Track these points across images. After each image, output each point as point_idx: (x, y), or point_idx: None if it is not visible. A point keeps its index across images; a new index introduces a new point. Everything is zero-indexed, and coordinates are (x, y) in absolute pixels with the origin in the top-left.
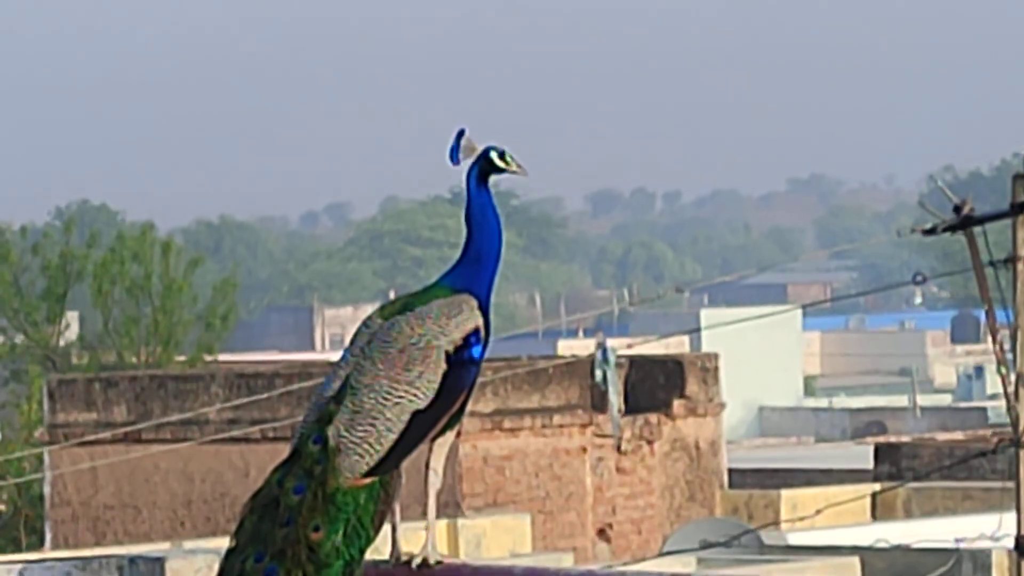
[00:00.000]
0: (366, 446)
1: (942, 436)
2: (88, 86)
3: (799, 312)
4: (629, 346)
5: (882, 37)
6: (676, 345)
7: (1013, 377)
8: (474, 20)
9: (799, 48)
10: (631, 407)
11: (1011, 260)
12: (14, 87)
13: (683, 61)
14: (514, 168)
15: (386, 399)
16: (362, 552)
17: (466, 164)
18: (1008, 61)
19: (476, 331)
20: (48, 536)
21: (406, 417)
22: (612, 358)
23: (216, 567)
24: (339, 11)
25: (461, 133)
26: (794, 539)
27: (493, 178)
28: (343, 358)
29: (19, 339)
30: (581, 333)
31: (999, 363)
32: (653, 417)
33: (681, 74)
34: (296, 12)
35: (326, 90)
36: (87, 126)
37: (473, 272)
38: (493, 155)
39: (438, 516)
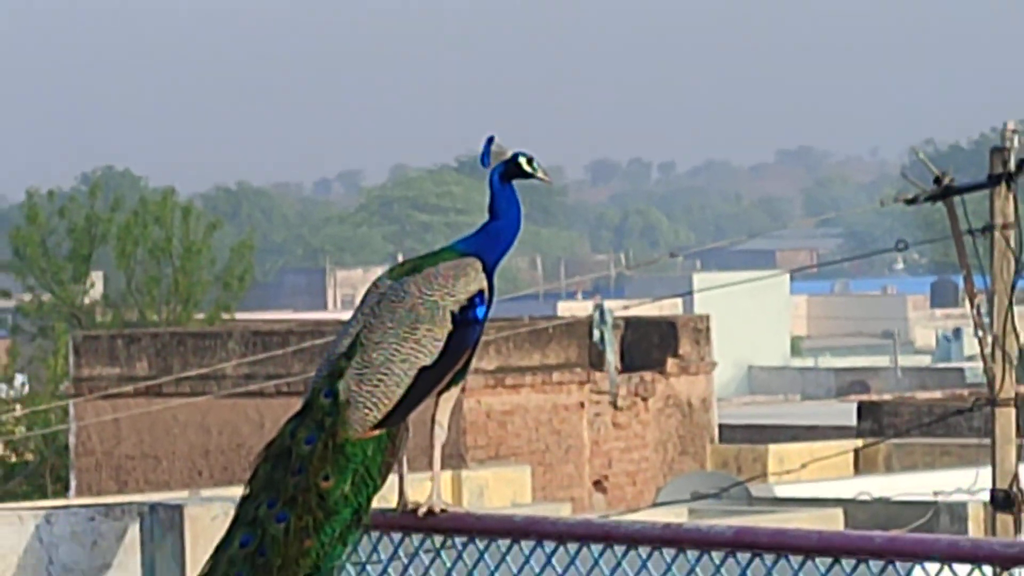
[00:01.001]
0: (375, 400)
1: (922, 395)
2: (114, 57)
3: (787, 277)
4: (625, 308)
5: (868, 17)
6: (670, 307)
7: (989, 339)
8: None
9: (790, 26)
10: (627, 365)
11: (988, 229)
12: (42, 58)
13: (679, 38)
14: (540, 175)
15: (394, 356)
16: (369, 500)
17: (492, 166)
18: (987, 39)
19: (480, 293)
20: (73, 484)
21: (413, 373)
22: (609, 319)
23: (232, 513)
24: None
25: (491, 140)
26: (781, 491)
27: (519, 181)
28: (354, 317)
29: (46, 297)
30: (580, 295)
31: (976, 326)
32: (648, 375)
33: (677, 51)
34: None
35: (340, 63)
36: (112, 96)
37: (486, 242)
38: (522, 160)
39: (443, 467)
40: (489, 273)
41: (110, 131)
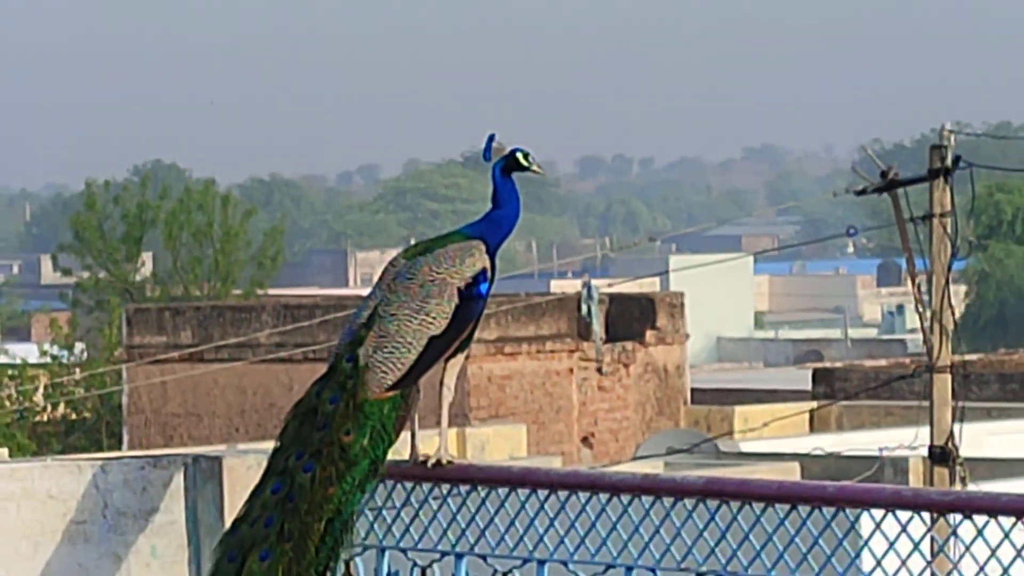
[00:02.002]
0: (390, 365)
1: (869, 363)
2: (162, 60)
3: (751, 259)
4: (609, 286)
5: (823, 28)
6: (648, 285)
7: (928, 314)
8: (485, 11)
9: (755, 36)
10: (611, 336)
11: (928, 217)
12: (97, 59)
13: (659, 47)
14: (535, 168)
15: (407, 326)
16: (385, 453)
17: (494, 161)
18: (928, 50)
19: (483, 271)
20: (125, 439)
21: (424, 341)
22: (595, 295)
23: (264, 464)
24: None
25: (491, 137)
26: (745, 447)
27: (517, 174)
28: (372, 292)
29: (102, 275)
30: (570, 274)
31: (917, 303)
32: (629, 345)
33: (656, 59)
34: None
35: (360, 69)
36: (161, 95)
37: (490, 228)
38: (519, 155)
39: (449, 425)
40: (491, 255)
41: (159, 127)
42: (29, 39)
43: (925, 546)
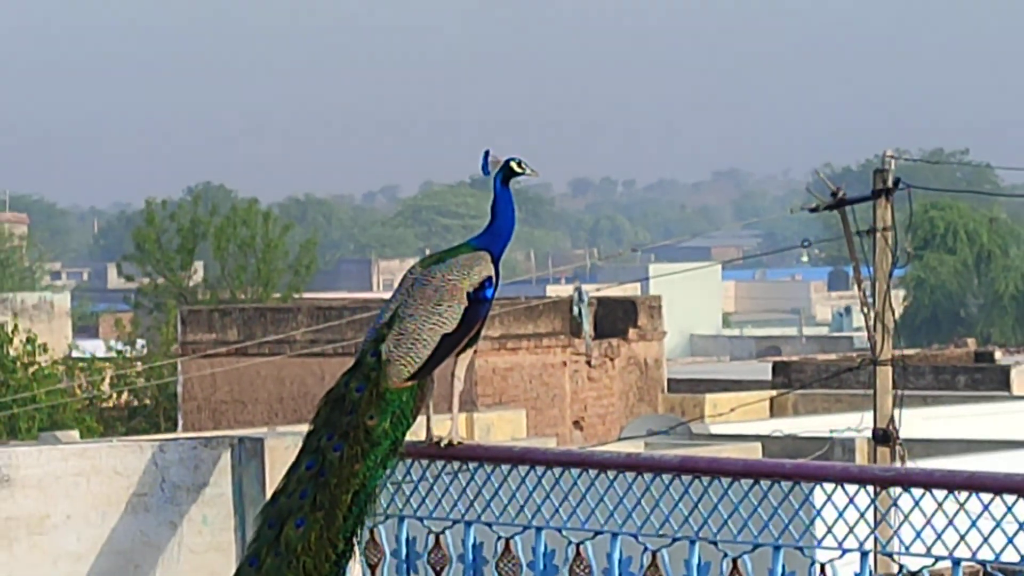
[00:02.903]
0: (408, 359)
1: (821, 357)
2: (212, 90)
3: (719, 267)
4: (597, 290)
5: (780, 63)
6: (631, 290)
7: (872, 315)
8: (490, 53)
9: (723, 72)
10: (599, 333)
11: (872, 231)
12: (154, 93)
13: (640, 83)
14: (528, 172)
15: (423, 325)
16: (404, 435)
17: (493, 173)
18: (872, 83)
19: (489, 278)
20: (180, 422)
21: (437, 338)
22: (585, 299)
23: (300, 444)
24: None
25: (487, 153)
26: (715, 430)
27: (514, 180)
28: (393, 296)
29: (160, 281)
30: (563, 281)
31: (862, 305)
32: (614, 341)
33: (638, 94)
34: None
35: (385, 103)
36: (211, 122)
37: (492, 239)
38: (513, 164)
39: (459, 410)
40: (495, 263)
41: (209, 152)
42: (94, 75)
43: (869, 515)
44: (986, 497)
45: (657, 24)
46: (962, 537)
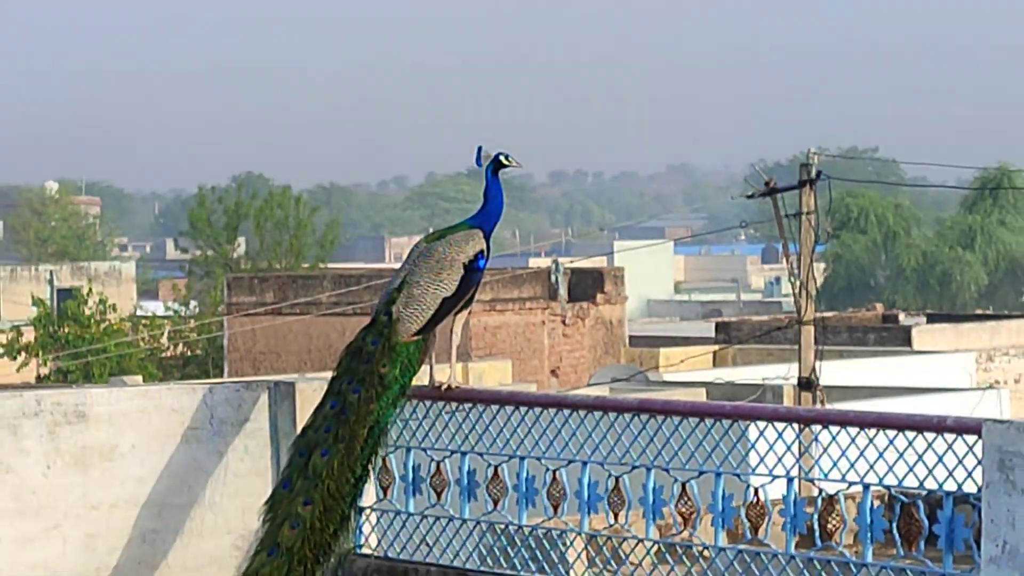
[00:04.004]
0: (414, 318)
1: (755, 318)
2: (250, 89)
3: (671, 244)
4: (571, 263)
5: (722, 73)
6: (599, 262)
7: (798, 283)
8: (481, 61)
9: (678, 80)
10: (572, 298)
11: (798, 215)
12: (206, 92)
13: (606, 90)
14: (514, 164)
15: (427, 290)
16: (411, 380)
17: (485, 165)
18: (799, 89)
19: (481, 252)
20: (226, 369)
21: (438, 301)
22: (561, 269)
23: (325, 388)
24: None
25: (480, 148)
26: (667, 377)
27: (503, 171)
28: (402, 267)
29: (210, 253)
30: (542, 254)
31: (790, 275)
32: (584, 304)
33: (605, 98)
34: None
35: (395, 105)
36: (252, 117)
37: (484, 219)
38: (501, 157)
39: (456, 360)
40: (487, 239)
41: (250, 145)
42: (157, 79)
43: (795, 448)
44: (891, 433)
45: (621, 36)
46: (871, 466)
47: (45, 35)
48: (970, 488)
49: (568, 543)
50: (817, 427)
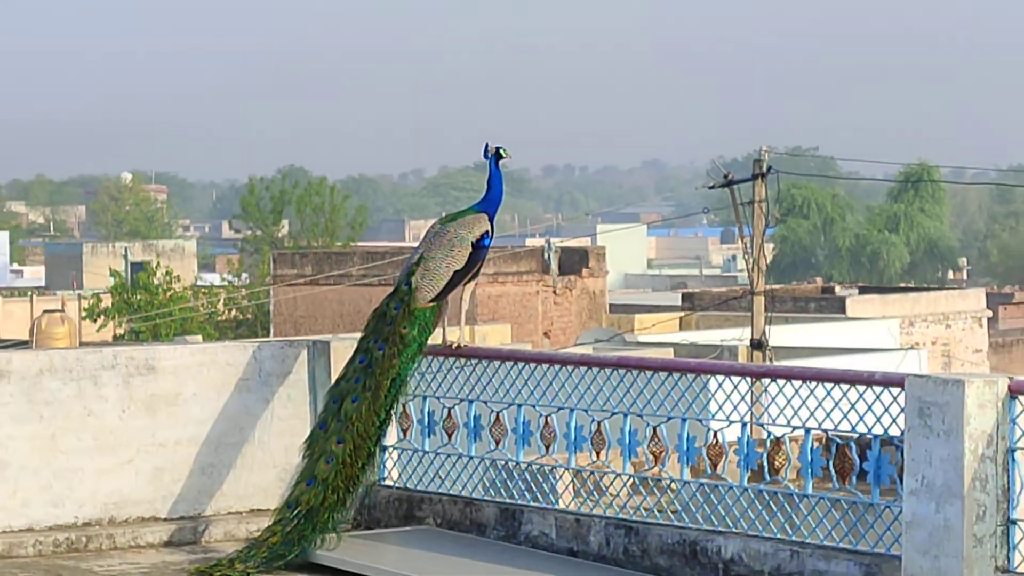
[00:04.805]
0: (430, 287)
1: (715, 289)
2: (300, 94)
3: (645, 227)
4: (561, 242)
5: (685, 78)
6: (584, 242)
7: (751, 261)
8: (488, 63)
9: (651, 82)
10: (561, 272)
11: (751, 203)
12: (252, 92)
13: (592, 93)
14: (508, 155)
15: (440, 264)
16: (427, 339)
17: (489, 158)
18: (749, 95)
19: (486, 232)
20: (272, 330)
21: (450, 274)
22: (552, 248)
23: (354, 346)
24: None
25: (487, 145)
26: (641, 339)
27: (501, 162)
28: (419, 244)
29: (258, 233)
30: (537, 235)
31: (745, 254)
32: (572, 277)
33: (591, 102)
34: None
35: (414, 105)
36: (296, 116)
37: (488, 205)
38: (501, 151)
39: (465, 323)
40: (491, 221)
41: (293, 140)
42: (213, 80)
43: (747, 397)
44: (828, 386)
45: (604, 54)
46: (812, 413)
47: (119, 42)
48: (894, 432)
49: (557, 477)
50: (766, 380)
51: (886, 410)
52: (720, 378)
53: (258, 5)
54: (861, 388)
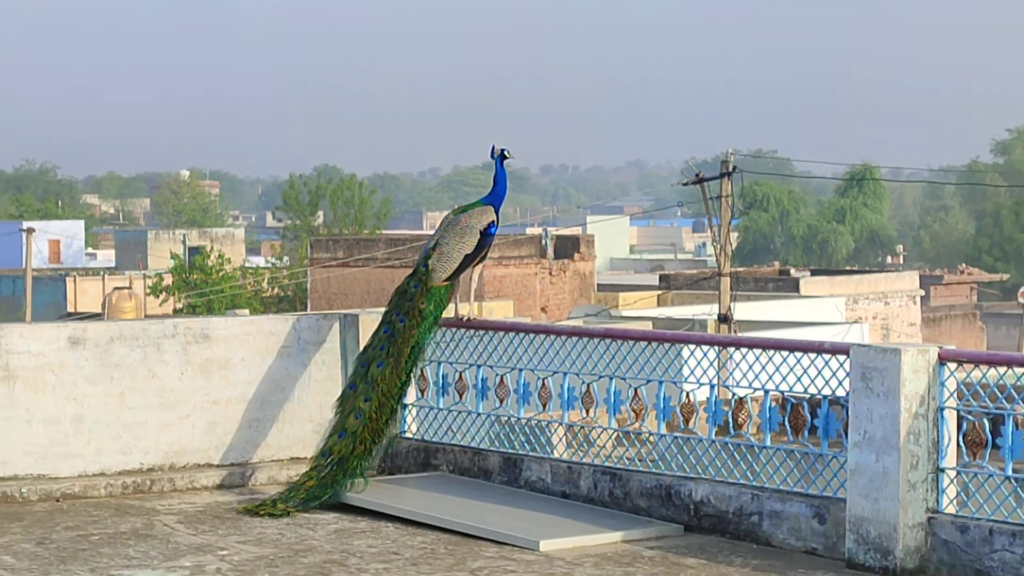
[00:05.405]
0: (444, 268)
1: (687, 272)
2: (334, 103)
3: (628, 218)
4: (556, 231)
5: (660, 90)
6: (576, 231)
7: (719, 247)
8: (492, 74)
9: (632, 93)
10: (557, 256)
11: (719, 197)
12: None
13: (580, 103)
14: (511, 156)
15: (453, 249)
16: (441, 313)
17: (495, 158)
18: (719, 103)
19: (492, 222)
20: (309, 305)
21: (462, 257)
22: (549, 235)
23: (380, 319)
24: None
25: (494, 147)
26: (624, 313)
27: (506, 161)
28: (435, 232)
29: (298, 222)
30: (536, 225)
31: (713, 240)
32: (566, 261)
33: (580, 110)
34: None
35: (428, 115)
36: (330, 124)
37: (494, 199)
38: (505, 152)
39: (473, 299)
40: (496, 213)
41: (327, 142)
42: (257, 87)
43: (715, 363)
44: (784, 354)
45: (593, 69)
46: (770, 377)
47: (176, 60)
48: (840, 393)
49: (553, 431)
50: (731, 349)
51: (834, 374)
52: (692, 347)
53: (304, 39)
54: (812, 356)
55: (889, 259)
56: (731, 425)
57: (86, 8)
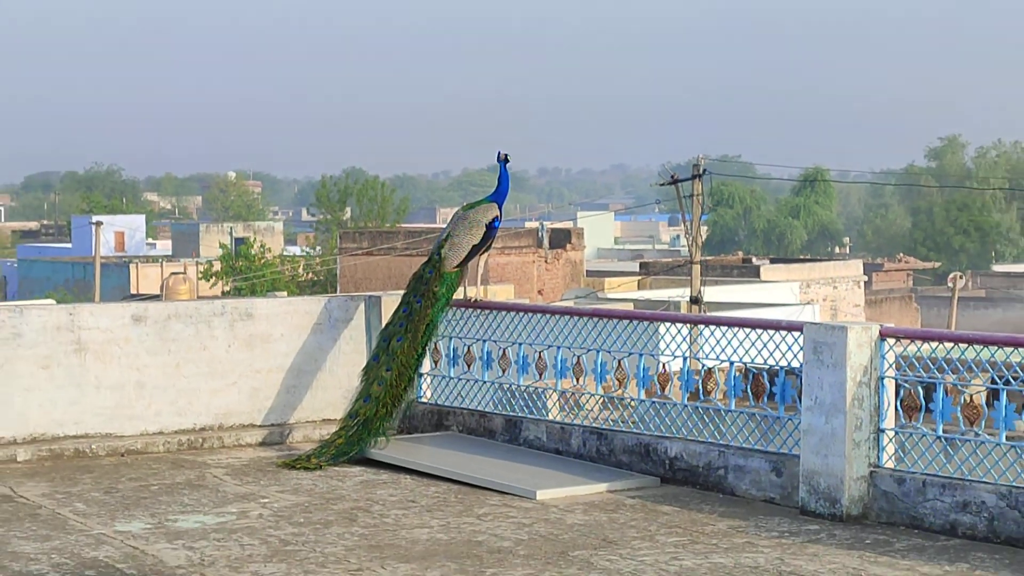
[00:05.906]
0: (455, 255)
1: (664, 260)
2: (360, 114)
3: (612, 213)
4: (551, 225)
5: (636, 101)
6: (568, 224)
7: (691, 239)
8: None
9: (616, 105)
10: (552, 246)
11: (691, 196)
12: (322, 106)
13: (569, 112)
14: (509, 159)
15: (463, 240)
16: (452, 295)
17: (499, 161)
18: (698, 112)
19: (496, 217)
20: (338, 288)
21: (470, 247)
22: (546, 228)
23: (399, 300)
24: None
25: (499, 152)
26: (610, 296)
27: (508, 164)
28: (447, 226)
29: (328, 217)
30: (534, 219)
31: (686, 233)
32: (560, 250)
33: (570, 119)
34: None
35: (441, 123)
36: (356, 132)
37: (498, 197)
38: (508, 156)
39: (480, 283)
40: (500, 208)
41: (357, 146)
42: (293, 99)
43: (688, 339)
44: (747, 330)
45: (583, 79)
46: (735, 350)
47: (224, 77)
48: (795, 364)
49: (548, 396)
50: (701, 326)
51: (789, 348)
52: (667, 324)
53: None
54: (771, 332)
55: (837, 249)
56: (701, 392)
57: (158, 31)
